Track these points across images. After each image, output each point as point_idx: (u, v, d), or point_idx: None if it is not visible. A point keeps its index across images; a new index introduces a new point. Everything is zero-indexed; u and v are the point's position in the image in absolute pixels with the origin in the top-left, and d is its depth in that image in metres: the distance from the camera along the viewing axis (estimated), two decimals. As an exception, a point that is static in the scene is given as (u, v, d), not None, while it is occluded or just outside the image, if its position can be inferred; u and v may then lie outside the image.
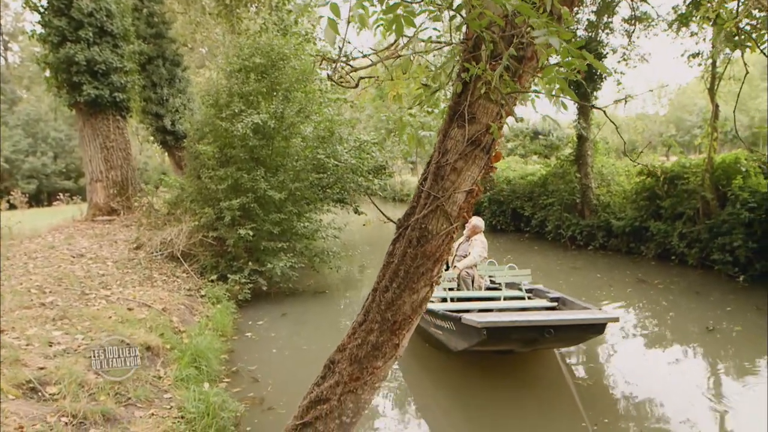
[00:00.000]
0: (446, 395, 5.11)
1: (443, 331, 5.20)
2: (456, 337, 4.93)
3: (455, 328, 4.82)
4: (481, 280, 6.62)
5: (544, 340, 4.41)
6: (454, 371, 5.55)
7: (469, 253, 6.46)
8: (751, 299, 7.58)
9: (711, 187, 9.51)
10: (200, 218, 8.44)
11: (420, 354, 6.13)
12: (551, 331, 4.27)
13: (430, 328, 5.62)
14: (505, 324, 4.32)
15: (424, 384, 5.56)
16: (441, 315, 5.07)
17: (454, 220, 2.59)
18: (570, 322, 4.44)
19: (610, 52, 12.52)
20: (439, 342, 5.57)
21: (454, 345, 5.09)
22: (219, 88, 8.68)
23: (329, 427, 2.69)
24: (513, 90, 2.25)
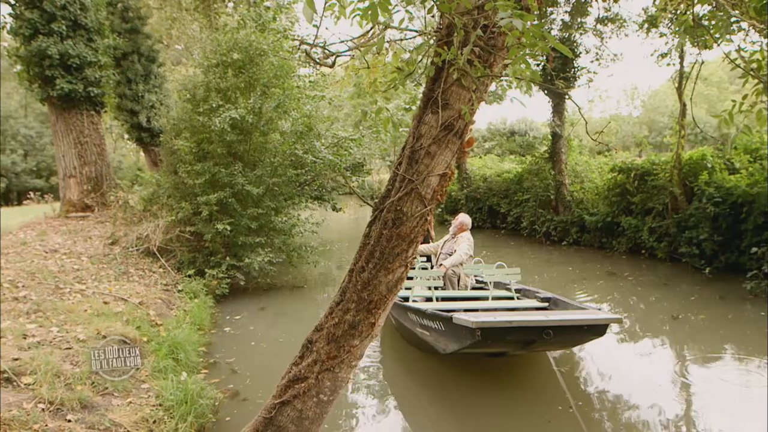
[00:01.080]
0: (431, 398, 4.82)
1: (431, 332, 4.85)
2: (446, 338, 4.60)
3: (445, 328, 4.48)
4: (467, 279, 6.44)
5: (542, 342, 4.11)
6: (440, 373, 5.27)
7: (455, 251, 6.34)
8: (716, 290, 7.87)
9: (679, 183, 9.82)
10: (177, 213, 8.40)
11: (404, 357, 5.85)
12: (550, 332, 3.96)
13: (416, 329, 5.25)
14: (501, 324, 3.98)
15: (407, 387, 5.20)
16: (429, 315, 4.69)
17: (428, 202, 2.69)
18: (570, 323, 4.14)
19: (584, 51, 12.81)
20: (425, 344, 5.23)
21: (443, 347, 4.75)
22: (196, 83, 8.64)
23: (307, 404, 2.76)
24: (483, 74, 2.35)
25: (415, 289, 6.05)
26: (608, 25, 12.75)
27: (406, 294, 5.99)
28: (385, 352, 6.09)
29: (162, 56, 16.96)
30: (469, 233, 6.49)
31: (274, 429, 2.77)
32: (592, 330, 4.25)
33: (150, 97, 14.99)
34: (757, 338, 5.83)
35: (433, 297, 5.87)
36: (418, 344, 5.67)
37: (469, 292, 6.28)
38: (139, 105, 15.02)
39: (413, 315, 5.14)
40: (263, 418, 2.80)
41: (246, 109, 8.13)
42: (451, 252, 6.39)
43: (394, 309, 5.83)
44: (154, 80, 15.26)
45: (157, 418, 3.77)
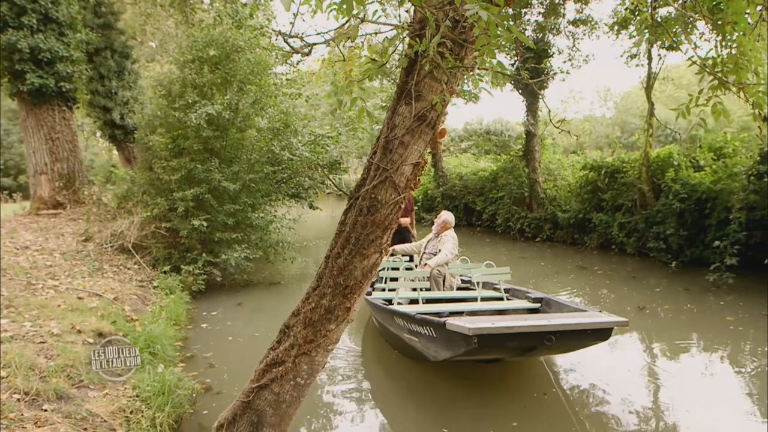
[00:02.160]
0: (418, 407, 4.51)
1: (420, 337, 4.47)
2: (437, 344, 4.25)
3: (436, 334, 4.14)
4: (453, 279, 6.20)
5: (542, 348, 3.85)
6: (428, 380, 4.94)
7: (439, 250, 6.17)
8: (681, 282, 8.17)
9: (647, 180, 10.14)
10: (152, 209, 8.33)
11: (389, 362, 5.52)
12: (552, 338, 3.68)
13: (403, 335, 4.86)
14: (500, 331, 3.66)
15: (393, 395, 4.88)
16: (418, 320, 4.33)
17: (401, 190, 2.78)
18: (574, 327, 3.83)
19: (557, 52, 13.10)
20: (413, 350, 4.85)
21: (433, 354, 4.41)
22: (172, 79, 8.59)
23: (285, 388, 2.83)
24: (454, 66, 2.45)
25: (399, 291, 5.77)
26: (580, 26, 13.06)
27: (391, 296, 5.76)
28: (367, 356, 5.81)
29: (136, 53, 16.74)
30: (453, 231, 6.37)
31: (252, 412, 2.83)
32: (596, 334, 3.98)
33: (124, 94, 14.78)
34: (718, 327, 6.11)
35: (419, 299, 5.61)
36: (404, 350, 5.30)
37: (455, 292, 6.05)
38: (113, 102, 14.80)
39: (400, 320, 4.76)
40: (241, 402, 2.86)
41: (222, 105, 8.12)
42: (436, 251, 6.23)
43: (378, 313, 5.55)
44: (127, 77, 15.06)
45: (134, 409, 3.78)
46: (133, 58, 15.67)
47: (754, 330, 5.96)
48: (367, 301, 5.69)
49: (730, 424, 3.89)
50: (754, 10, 2.57)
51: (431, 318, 4.22)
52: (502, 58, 13.64)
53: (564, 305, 5.02)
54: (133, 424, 3.61)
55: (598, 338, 4.05)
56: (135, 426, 3.60)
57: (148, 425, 3.68)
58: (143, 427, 3.64)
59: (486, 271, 5.91)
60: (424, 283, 5.90)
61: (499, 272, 5.87)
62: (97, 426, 3.44)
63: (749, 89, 3.00)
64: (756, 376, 4.81)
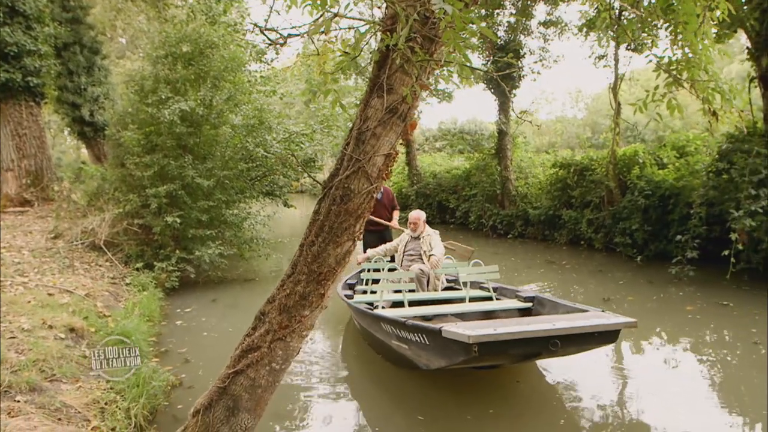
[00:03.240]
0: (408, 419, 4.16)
1: (410, 345, 4.17)
2: (430, 352, 3.95)
3: (430, 342, 3.84)
4: (437, 280, 5.93)
5: (547, 353, 3.62)
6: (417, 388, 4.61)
7: (425, 251, 5.91)
8: (645, 275, 8.48)
9: (614, 177, 10.46)
10: (125, 206, 8.25)
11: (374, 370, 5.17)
12: (557, 342, 3.45)
13: (391, 341, 4.54)
14: (502, 338, 3.38)
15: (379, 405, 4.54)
16: (410, 327, 3.99)
17: (374, 180, 2.88)
18: (581, 330, 3.58)
19: (528, 52, 13.38)
20: (403, 358, 4.54)
21: (426, 362, 4.10)
22: (144, 74, 8.52)
23: (260, 373, 2.89)
24: (423, 60, 2.56)
25: (383, 293, 5.41)
26: (550, 27, 13.37)
27: (373, 299, 5.47)
28: (350, 362, 5.50)
29: (106, 48, 16.45)
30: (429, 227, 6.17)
31: (228, 397, 2.89)
32: (603, 336, 3.73)
33: (93, 90, 14.52)
34: (678, 316, 6.39)
35: (404, 301, 5.25)
36: (392, 357, 4.96)
37: (441, 293, 5.78)
38: (82, 98, 14.52)
39: (388, 326, 4.41)
40: (217, 387, 2.92)
41: (196, 101, 8.10)
42: (419, 252, 5.96)
43: (362, 318, 5.24)
44: (97, 73, 14.80)
45: (108, 400, 3.80)
46: (103, 53, 15.40)
47: (710, 318, 6.27)
48: (349, 306, 5.52)
49: (690, 410, 4.08)
50: (702, 11, 2.75)
51: (425, 325, 3.92)
52: (474, 58, 13.89)
53: (559, 304, 4.73)
54: (107, 415, 3.63)
55: (604, 341, 3.82)
56: (110, 417, 3.62)
57: (122, 416, 3.70)
58: (118, 418, 3.66)
59: (473, 270, 5.66)
60: (411, 284, 5.56)
61: (488, 271, 5.63)
62: (71, 417, 3.45)
63: (700, 86, 3.19)
64: (713, 363, 5.07)
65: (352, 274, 6.72)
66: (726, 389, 4.45)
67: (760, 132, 7.78)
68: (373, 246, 6.73)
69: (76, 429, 3.32)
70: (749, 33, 7.85)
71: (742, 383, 4.52)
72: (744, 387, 4.44)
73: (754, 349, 5.20)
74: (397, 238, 6.47)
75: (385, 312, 4.82)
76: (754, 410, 3.99)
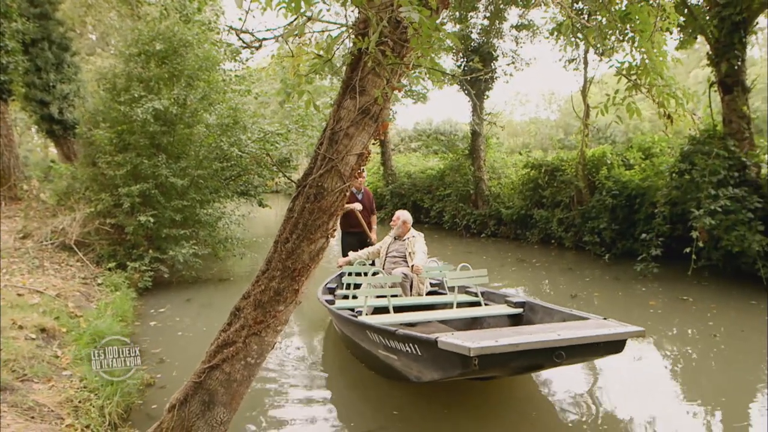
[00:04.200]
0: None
1: (400, 356, 3.90)
2: (423, 364, 3.69)
3: (423, 353, 3.60)
4: (421, 284, 5.72)
5: (550, 365, 3.47)
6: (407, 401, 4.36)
7: (409, 253, 5.75)
8: (612, 272, 8.78)
9: (583, 178, 10.76)
10: (96, 205, 8.15)
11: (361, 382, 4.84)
12: (562, 354, 3.24)
13: (377, 351, 4.26)
14: (505, 350, 3.16)
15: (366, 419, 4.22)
16: (400, 336, 3.72)
17: (346, 179, 2.97)
18: (588, 341, 3.37)
19: (501, 55, 13.63)
20: (391, 369, 4.23)
21: (417, 374, 3.83)
22: (116, 72, 8.43)
23: (235, 368, 2.96)
24: (394, 63, 2.66)
25: (367, 299, 5.06)
26: (523, 31, 13.64)
27: (355, 304, 5.23)
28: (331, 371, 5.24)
29: (75, 45, 16.12)
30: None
31: (203, 392, 2.94)
32: (609, 346, 3.53)
33: (62, 88, 14.22)
34: (641, 310, 6.66)
35: (389, 307, 5.00)
36: (378, 368, 4.65)
37: (425, 298, 5.59)
38: (50, 95, 14.21)
39: (375, 335, 4.13)
40: (193, 382, 2.97)
41: (170, 100, 8.05)
42: (403, 255, 5.81)
43: (344, 325, 4.94)
44: (67, 69, 14.50)
45: (82, 399, 3.80)
46: (73, 50, 15.09)
47: (671, 312, 6.56)
48: (330, 312, 5.27)
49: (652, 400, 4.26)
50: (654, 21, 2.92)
51: (418, 335, 3.60)
52: (448, 59, 14.10)
53: (554, 311, 4.49)
54: (81, 413, 3.63)
55: (610, 351, 3.60)
56: (84, 415, 3.62)
57: (96, 414, 3.71)
58: (92, 416, 3.66)
59: (461, 275, 5.38)
60: (396, 289, 5.36)
61: (476, 275, 5.35)
62: (44, 415, 3.45)
63: (658, 90, 3.37)
64: (674, 354, 5.30)
65: (331, 278, 6.54)
66: (686, 379, 4.68)
67: (719, 134, 8.12)
68: (353, 248, 6.53)
69: (50, 427, 3.32)
70: (709, 40, 8.19)
71: (701, 373, 4.75)
72: (704, 376, 4.68)
73: (713, 341, 5.47)
74: (380, 241, 6.32)
75: (369, 319, 4.55)
76: (714, 398, 4.22)
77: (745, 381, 4.53)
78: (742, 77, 8.03)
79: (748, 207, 7.31)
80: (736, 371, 4.76)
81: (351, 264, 6.12)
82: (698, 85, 25.39)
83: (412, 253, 5.72)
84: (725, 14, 7.74)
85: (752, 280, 7.29)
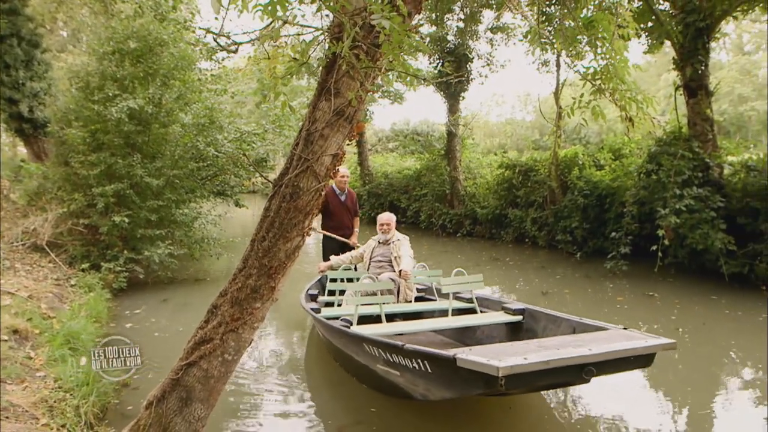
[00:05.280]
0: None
1: (404, 372, 3.53)
2: (434, 382, 3.32)
3: (434, 370, 3.23)
4: (408, 291, 5.43)
5: (578, 382, 3.19)
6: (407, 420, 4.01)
7: (395, 257, 5.48)
8: (583, 270, 9.03)
9: (556, 178, 11.02)
10: (69, 205, 8.05)
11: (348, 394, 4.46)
12: (592, 370, 2.96)
13: (375, 366, 3.85)
14: (535, 367, 2.83)
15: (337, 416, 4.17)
16: (408, 352, 3.34)
17: (321, 179, 3.05)
18: (618, 355, 3.11)
19: (476, 56, 13.85)
20: (389, 385, 3.87)
21: (424, 392, 3.48)
22: (90, 71, 8.33)
23: (213, 364, 3.01)
24: (367, 66, 2.75)
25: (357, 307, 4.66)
26: (498, 33, 13.88)
27: (342, 313, 4.88)
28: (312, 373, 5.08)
29: (46, 42, 15.79)
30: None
31: (181, 388, 2.98)
32: (639, 360, 3.27)
33: (33, 85, 13.92)
34: (609, 305, 6.90)
35: (381, 316, 4.65)
36: (374, 384, 4.26)
37: (418, 305, 5.34)
38: (20, 93, 13.87)
39: (374, 348, 3.74)
40: (170, 379, 3.01)
41: (145, 99, 7.99)
42: (388, 259, 5.53)
43: (335, 337, 4.54)
44: (37, 67, 14.17)
45: (57, 399, 3.80)
46: (44, 47, 14.77)
47: (637, 307, 6.83)
48: (317, 321, 4.86)
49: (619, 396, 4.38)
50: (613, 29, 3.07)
51: (433, 351, 3.23)
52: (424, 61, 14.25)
53: (560, 318, 4.21)
54: (56, 413, 3.63)
55: (640, 364, 3.35)
56: (59, 414, 3.63)
57: (72, 414, 3.71)
58: (68, 416, 3.67)
59: (456, 280, 5.08)
60: (386, 297, 5.01)
61: (471, 280, 5.09)
62: (19, 415, 3.44)
63: (620, 94, 3.53)
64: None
65: (312, 284, 6.31)
66: (651, 370, 4.85)
67: (684, 136, 8.41)
68: (334, 252, 6.27)
69: (25, 426, 3.32)
70: (675, 45, 8.49)
71: (667, 364, 4.95)
72: (669, 367, 4.87)
73: (676, 334, 5.69)
74: (363, 245, 6.01)
75: (363, 331, 4.19)
76: (680, 388, 4.41)
77: (708, 371, 4.76)
78: (705, 81, 8.34)
79: (711, 206, 7.60)
80: (700, 362, 4.99)
81: (333, 269, 5.84)
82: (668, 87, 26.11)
83: (398, 257, 5.46)
84: (689, 20, 8.04)
85: (715, 277, 7.60)
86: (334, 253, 6.22)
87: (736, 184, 7.95)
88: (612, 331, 3.60)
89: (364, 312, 4.76)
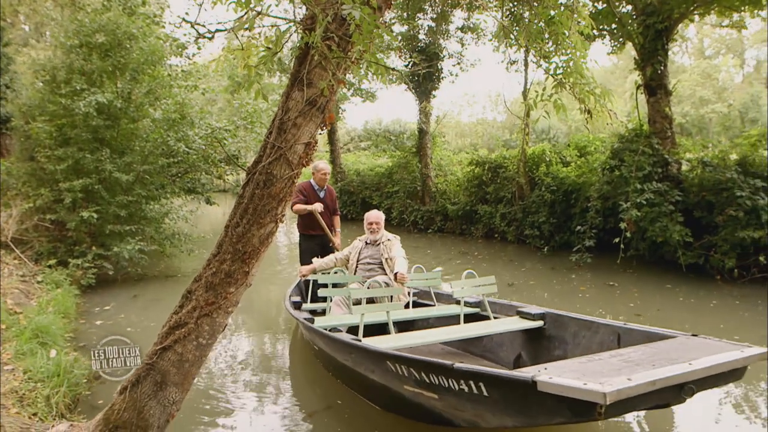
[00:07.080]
0: None
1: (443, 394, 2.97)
2: (494, 408, 2.75)
3: (493, 394, 2.68)
4: (403, 296, 4.92)
5: (676, 402, 2.67)
6: None
7: (386, 259, 5.05)
8: (550, 263, 9.31)
9: (524, 174, 11.31)
10: (35, 201, 7.90)
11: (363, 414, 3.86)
12: (693, 388, 2.56)
13: (402, 387, 3.26)
14: (641, 390, 2.34)
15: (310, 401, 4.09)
16: (462, 372, 2.75)
17: (294, 167, 3.14)
18: (719, 370, 2.69)
19: (447, 55, 14.07)
20: (421, 409, 3.27)
21: (473, 418, 2.97)
22: (56, 64, 8.19)
23: (187, 348, 3.06)
24: (339, 57, 2.86)
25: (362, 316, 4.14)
26: (468, 33, 14.13)
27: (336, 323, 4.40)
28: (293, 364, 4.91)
29: (6, 36, 15.35)
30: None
31: (156, 373, 3.02)
32: (733, 374, 2.85)
33: (-7, 80, 13.54)
34: (571, 296, 7.19)
35: (390, 327, 4.20)
36: (402, 409, 3.58)
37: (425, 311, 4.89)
38: (-20, 88, 13.50)
39: (402, 367, 3.13)
40: (145, 364, 3.04)
41: (114, 93, 7.91)
42: (378, 261, 5.09)
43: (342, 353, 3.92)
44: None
45: (27, 389, 3.78)
46: (5, 41, 14.37)
47: (598, 296, 7.15)
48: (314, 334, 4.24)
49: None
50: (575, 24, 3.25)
51: (498, 373, 2.67)
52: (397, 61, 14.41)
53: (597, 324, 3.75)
54: (27, 402, 3.62)
55: (734, 378, 2.90)
56: (30, 404, 3.62)
57: (43, 404, 3.71)
58: (39, 405, 3.66)
59: (467, 284, 4.59)
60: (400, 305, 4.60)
61: (484, 283, 4.57)
62: (-12, 404, 3.42)
63: (579, 88, 3.72)
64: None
65: (292, 289, 5.90)
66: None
67: (645, 133, 8.76)
68: (314, 254, 5.71)
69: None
70: (636, 46, 8.83)
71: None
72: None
73: (636, 319, 5.96)
74: (348, 246, 5.52)
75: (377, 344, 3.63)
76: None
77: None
78: (665, 81, 8.71)
79: (670, 200, 7.94)
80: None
81: (316, 273, 5.31)
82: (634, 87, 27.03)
83: (389, 259, 5.00)
84: (649, 22, 8.38)
85: (673, 267, 7.95)
86: (314, 255, 5.63)
87: (693, 180, 8.32)
88: (687, 339, 3.19)
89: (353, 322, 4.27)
